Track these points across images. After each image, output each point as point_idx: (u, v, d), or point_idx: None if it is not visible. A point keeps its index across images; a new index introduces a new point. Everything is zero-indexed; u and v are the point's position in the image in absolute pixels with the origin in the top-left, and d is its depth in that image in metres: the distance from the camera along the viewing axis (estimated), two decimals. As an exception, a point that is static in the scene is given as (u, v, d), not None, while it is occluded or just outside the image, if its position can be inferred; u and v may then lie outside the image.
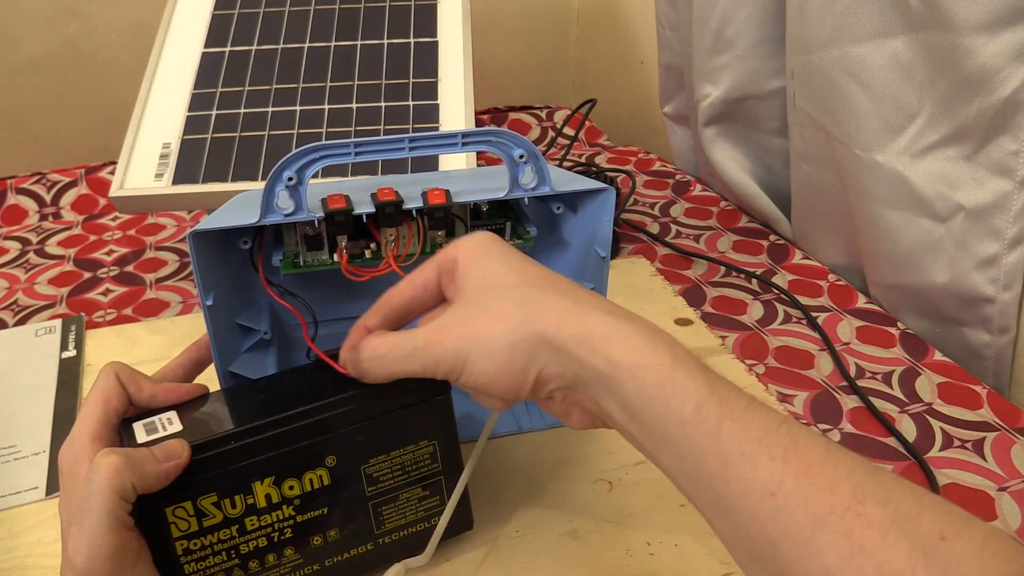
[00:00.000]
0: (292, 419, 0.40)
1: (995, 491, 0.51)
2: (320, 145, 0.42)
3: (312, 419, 0.40)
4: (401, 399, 0.42)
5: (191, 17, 0.82)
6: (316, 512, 0.41)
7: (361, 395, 0.41)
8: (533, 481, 0.52)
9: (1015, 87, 0.54)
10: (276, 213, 0.43)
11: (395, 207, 0.44)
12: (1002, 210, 0.58)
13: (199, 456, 0.38)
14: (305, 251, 0.48)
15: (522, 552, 0.47)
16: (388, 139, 0.42)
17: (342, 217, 0.44)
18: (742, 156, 0.88)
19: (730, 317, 0.70)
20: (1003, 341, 0.62)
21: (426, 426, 0.43)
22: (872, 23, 0.61)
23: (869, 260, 0.71)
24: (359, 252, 0.48)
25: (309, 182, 0.43)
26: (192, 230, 0.42)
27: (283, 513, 0.41)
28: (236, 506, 0.40)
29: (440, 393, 0.43)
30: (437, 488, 0.44)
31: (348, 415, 0.41)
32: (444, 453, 0.44)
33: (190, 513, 0.39)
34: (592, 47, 1.32)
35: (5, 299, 0.76)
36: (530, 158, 0.45)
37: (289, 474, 0.40)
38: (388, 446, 0.42)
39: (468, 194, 0.47)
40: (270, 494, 0.40)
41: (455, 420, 0.44)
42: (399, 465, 0.43)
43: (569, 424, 0.39)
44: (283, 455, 0.40)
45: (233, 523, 0.40)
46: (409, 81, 0.76)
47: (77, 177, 0.95)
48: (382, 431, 0.42)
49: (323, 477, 0.41)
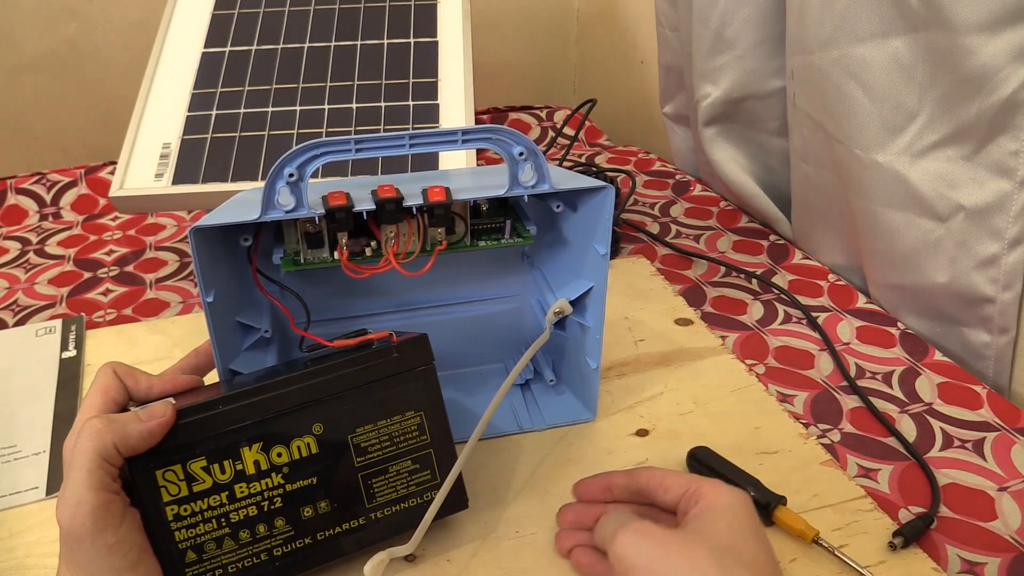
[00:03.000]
0: (277, 386, 0.41)
1: (995, 491, 0.51)
2: (321, 141, 0.42)
3: (296, 386, 0.42)
4: (385, 368, 0.43)
5: (191, 17, 0.82)
6: (305, 481, 0.42)
7: (345, 363, 0.43)
8: (533, 481, 0.52)
9: (1015, 87, 0.54)
10: (277, 209, 0.43)
11: (396, 204, 0.45)
12: (1002, 210, 0.58)
13: (186, 420, 0.39)
14: (306, 248, 0.48)
15: (522, 552, 0.47)
16: (389, 135, 0.43)
17: (343, 214, 0.44)
18: (742, 156, 0.88)
19: (730, 317, 0.70)
20: (1003, 341, 0.62)
21: (412, 397, 0.44)
22: (872, 23, 0.61)
23: (869, 260, 0.71)
24: (359, 250, 0.48)
25: (309, 181, 0.43)
26: (194, 226, 0.42)
27: (272, 481, 0.41)
28: (225, 471, 0.40)
29: (424, 364, 0.44)
30: (427, 462, 0.45)
31: (332, 382, 0.42)
32: (432, 425, 0.45)
33: (180, 477, 0.40)
34: (592, 47, 1.32)
35: (5, 299, 0.76)
36: (530, 155, 0.45)
37: (277, 440, 0.41)
38: (374, 416, 0.43)
39: (468, 191, 0.47)
40: (259, 460, 0.41)
41: (441, 392, 0.45)
42: (387, 436, 0.44)
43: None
44: (270, 420, 0.41)
45: (223, 489, 0.40)
46: (409, 81, 0.76)
47: (77, 177, 0.95)
48: (367, 400, 0.43)
49: (311, 445, 0.42)
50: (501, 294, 0.59)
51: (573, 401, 0.58)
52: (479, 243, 0.51)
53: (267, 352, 0.52)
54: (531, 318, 0.59)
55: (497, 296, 0.59)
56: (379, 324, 0.57)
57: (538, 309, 0.58)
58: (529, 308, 0.59)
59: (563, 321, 0.54)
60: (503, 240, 0.52)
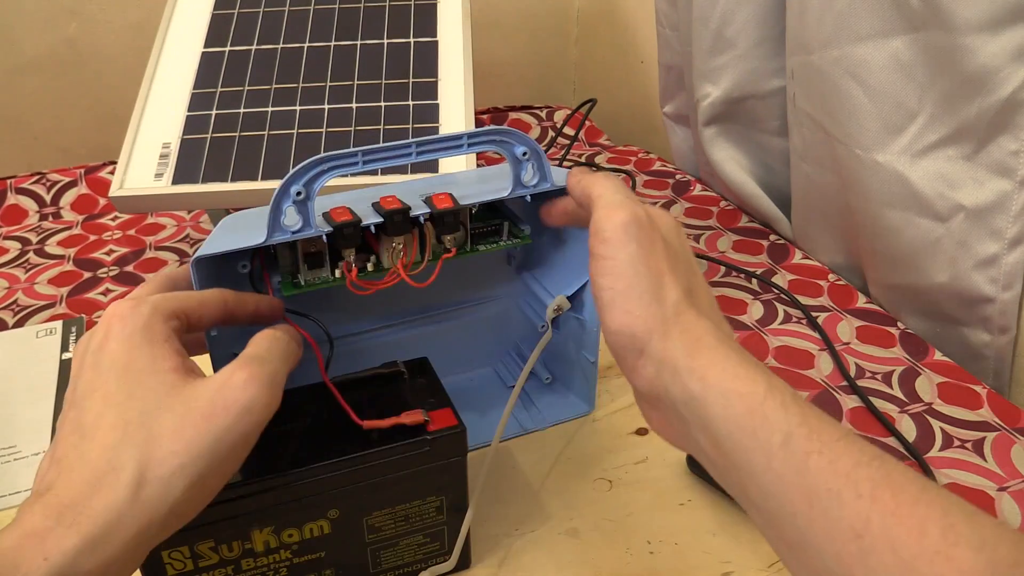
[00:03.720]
0: (300, 476, 0.39)
1: (995, 491, 0.51)
2: (327, 156, 0.40)
3: (320, 477, 0.39)
4: (416, 461, 0.41)
5: (191, 17, 0.82)
6: (313, 555, 0.41)
7: (372, 455, 0.40)
8: (533, 480, 0.52)
9: (1015, 87, 0.54)
10: (284, 231, 0.40)
11: (403, 215, 0.43)
12: (1002, 210, 0.58)
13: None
14: (306, 270, 0.45)
15: (522, 551, 0.47)
16: (395, 145, 0.41)
17: (351, 229, 0.42)
18: (742, 156, 0.88)
19: (730, 317, 0.70)
20: (1003, 341, 0.62)
21: (436, 483, 0.42)
22: (872, 23, 0.61)
23: (869, 260, 0.71)
24: (362, 266, 0.46)
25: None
26: (195, 256, 0.40)
27: (280, 556, 0.40)
28: (233, 550, 0.39)
29: (456, 456, 0.42)
30: (439, 536, 0.44)
31: (358, 474, 0.40)
32: (451, 508, 0.43)
33: (186, 556, 0.38)
34: (592, 47, 1.32)
35: (5, 299, 0.76)
36: (532, 156, 0.45)
37: (290, 524, 0.40)
38: (394, 501, 0.42)
39: (473, 196, 0.46)
40: (268, 541, 0.40)
41: (467, 477, 0.43)
42: (403, 516, 0.42)
43: (649, 424, 0.38)
44: (285, 505, 0.39)
45: (229, 564, 0.39)
46: (409, 81, 0.76)
47: (77, 177, 0.95)
48: (391, 489, 0.41)
49: (324, 527, 0.40)
50: (488, 297, 0.58)
51: (571, 397, 0.58)
52: (479, 248, 0.50)
53: None
54: (519, 320, 0.59)
55: (484, 300, 0.58)
56: (369, 341, 0.55)
57: (527, 310, 0.58)
58: (517, 309, 0.59)
59: (557, 319, 0.54)
60: (501, 242, 0.51)
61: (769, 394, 0.31)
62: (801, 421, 0.30)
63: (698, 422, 0.33)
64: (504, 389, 0.59)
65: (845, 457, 0.29)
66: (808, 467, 0.29)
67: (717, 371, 0.33)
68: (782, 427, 0.30)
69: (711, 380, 0.33)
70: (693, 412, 0.33)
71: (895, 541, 0.27)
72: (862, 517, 0.27)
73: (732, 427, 0.31)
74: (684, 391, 0.33)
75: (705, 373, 0.33)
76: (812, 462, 0.29)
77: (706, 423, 0.32)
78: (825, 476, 0.29)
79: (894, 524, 0.27)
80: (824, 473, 0.29)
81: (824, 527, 0.28)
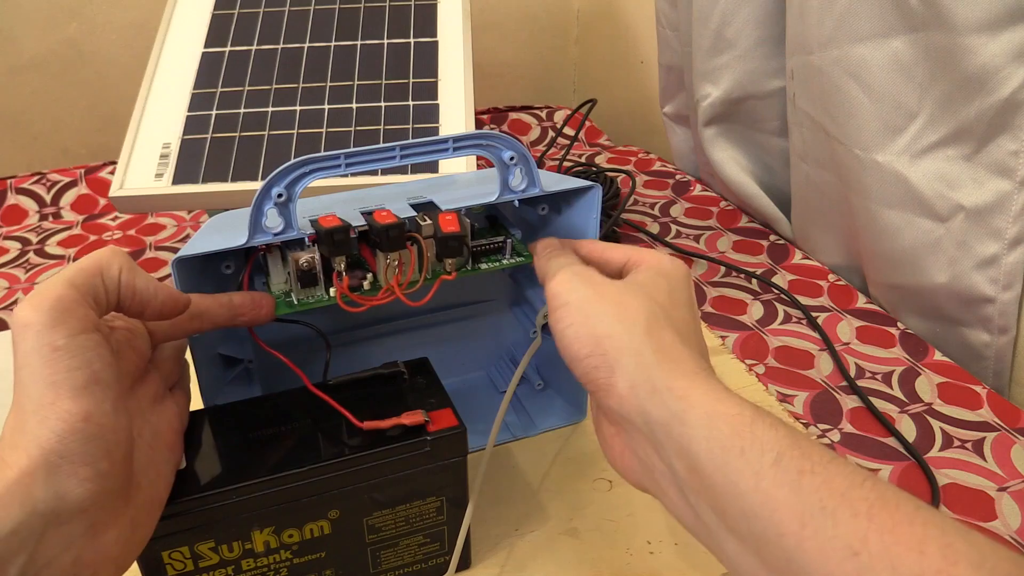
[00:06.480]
0: (300, 476, 0.39)
1: (995, 491, 0.51)
2: (309, 158, 0.39)
3: (320, 477, 0.39)
4: (415, 461, 0.41)
5: (191, 17, 0.82)
6: (314, 556, 0.41)
7: (373, 455, 0.40)
8: (533, 480, 0.52)
9: (1015, 87, 0.54)
10: (265, 233, 0.40)
11: (399, 230, 0.41)
12: (1002, 210, 0.58)
13: (199, 504, 0.37)
14: (299, 288, 0.43)
15: (522, 551, 0.47)
16: (378, 148, 0.40)
17: (342, 235, 0.40)
18: (742, 156, 0.88)
19: (730, 317, 0.70)
20: (1003, 341, 0.62)
21: (437, 484, 0.42)
22: (872, 23, 0.61)
23: (869, 260, 0.71)
24: (357, 283, 0.44)
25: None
26: (177, 257, 0.40)
27: (280, 557, 0.40)
28: (233, 550, 0.39)
29: (456, 456, 0.42)
30: (439, 537, 0.44)
31: (359, 475, 0.40)
32: (451, 507, 0.43)
33: (186, 556, 0.38)
34: (592, 47, 1.32)
35: (5, 299, 0.76)
36: (520, 160, 0.44)
37: (290, 524, 0.40)
38: (394, 501, 0.42)
39: (457, 201, 0.44)
40: (269, 541, 0.40)
41: (467, 478, 0.43)
42: (403, 517, 0.42)
43: (608, 454, 0.38)
44: (285, 506, 0.39)
45: (229, 564, 0.39)
46: (409, 81, 0.76)
47: (77, 177, 0.95)
48: (392, 490, 0.41)
49: (324, 528, 0.41)
50: (482, 303, 0.58)
51: (562, 404, 0.58)
52: (480, 266, 0.48)
53: (251, 385, 0.49)
54: (511, 325, 0.59)
55: (478, 305, 0.58)
56: (361, 344, 0.55)
57: (520, 315, 0.58)
58: (509, 314, 0.59)
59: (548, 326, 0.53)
60: (504, 260, 0.48)
61: (757, 415, 0.31)
62: (792, 443, 0.30)
63: (674, 445, 0.32)
64: (497, 394, 0.59)
65: (839, 477, 0.29)
66: (802, 485, 0.29)
67: (699, 393, 0.33)
68: (774, 447, 0.30)
69: (694, 400, 0.32)
70: (670, 433, 0.33)
71: (895, 559, 0.26)
72: (859, 535, 0.27)
73: (716, 447, 0.31)
74: (663, 409, 0.33)
75: (687, 393, 0.33)
76: (806, 481, 0.29)
77: (685, 444, 0.32)
78: (820, 495, 0.28)
79: (893, 543, 0.27)
80: (819, 492, 0.28)
81: (817, 546, 0.28)
